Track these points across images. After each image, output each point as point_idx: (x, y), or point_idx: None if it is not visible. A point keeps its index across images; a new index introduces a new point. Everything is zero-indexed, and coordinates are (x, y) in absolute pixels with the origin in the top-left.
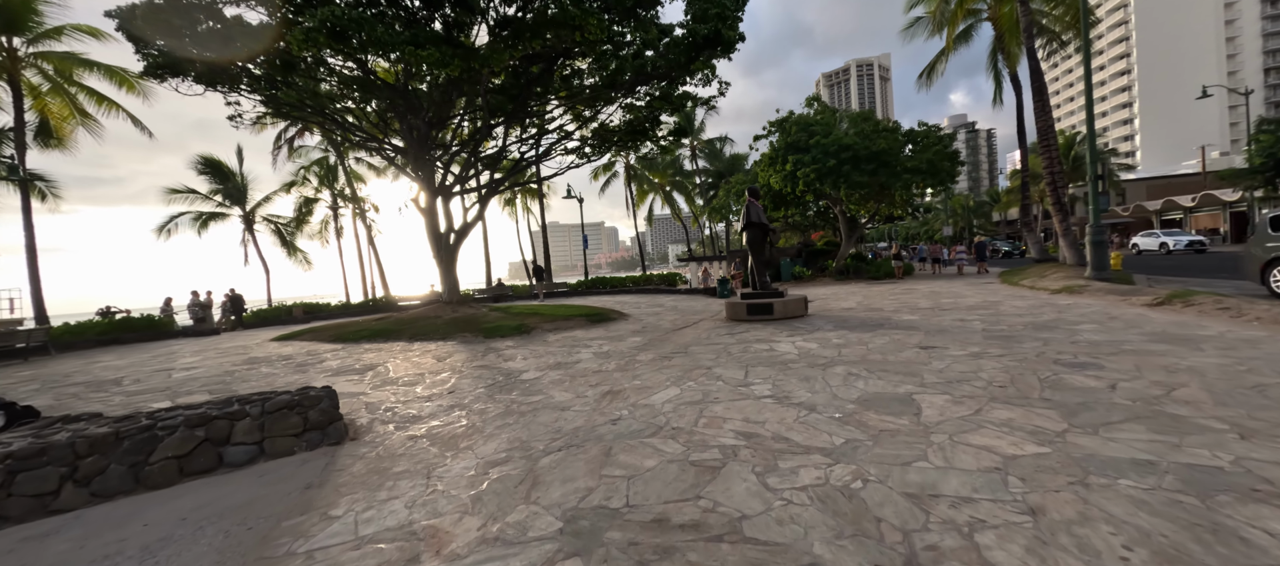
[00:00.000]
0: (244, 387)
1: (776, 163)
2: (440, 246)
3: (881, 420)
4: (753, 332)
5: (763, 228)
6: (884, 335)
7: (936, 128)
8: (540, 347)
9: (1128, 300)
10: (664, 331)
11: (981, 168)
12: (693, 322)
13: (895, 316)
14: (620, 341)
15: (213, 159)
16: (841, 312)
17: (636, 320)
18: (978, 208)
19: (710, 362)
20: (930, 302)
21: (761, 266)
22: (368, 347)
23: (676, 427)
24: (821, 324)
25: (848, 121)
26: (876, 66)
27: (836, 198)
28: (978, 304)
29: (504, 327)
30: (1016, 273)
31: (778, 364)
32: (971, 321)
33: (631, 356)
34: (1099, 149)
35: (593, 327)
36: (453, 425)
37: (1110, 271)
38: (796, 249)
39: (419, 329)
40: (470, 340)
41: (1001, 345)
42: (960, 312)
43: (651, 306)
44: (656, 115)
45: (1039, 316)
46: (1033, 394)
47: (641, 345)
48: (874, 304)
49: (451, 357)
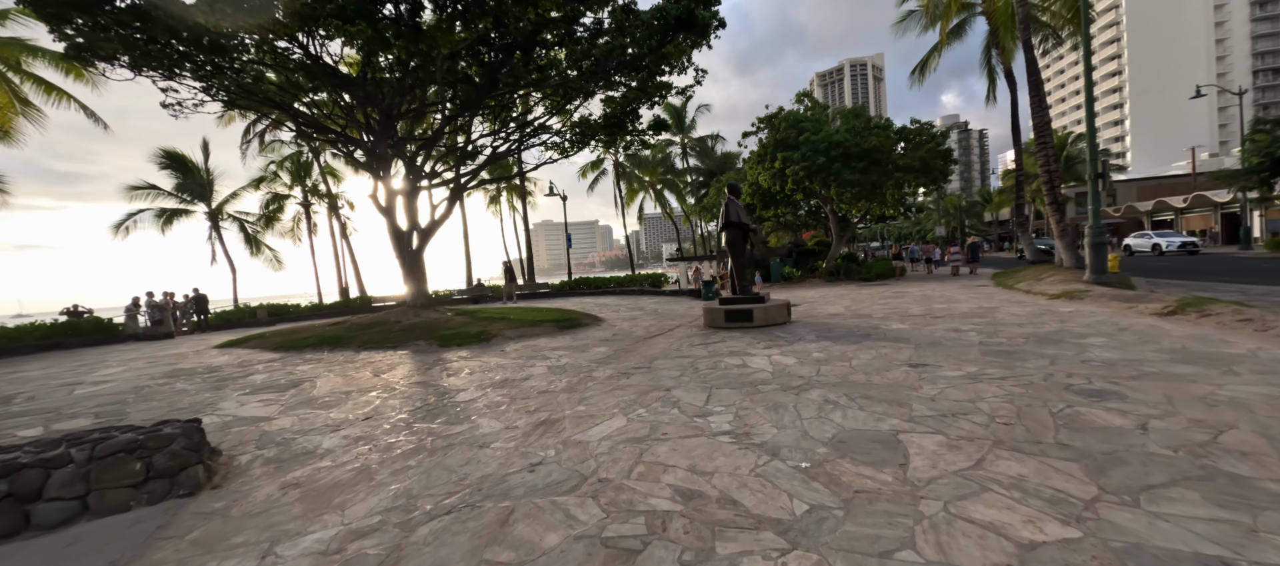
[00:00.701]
0: (140, 411)
1: (765, 160)
2: (403, 247)
3: (858, 474)
4: (728, 343)
5: (743, 228)
6: (870, 348)
7: (929, 125)
8: (494, 359)
9: (1134, 308)
10: (634, 340)
11: (973, 168)
12: (668, 329)
13: (884, 325)
14: (583, 352)
15: (175, 153)
16: (827, 319)
17: (609, 326)
18: (970, 208)
19: (671, 382)
20: (922, 308)
21: (741, 269)
22: (308, 358)
23: (605, 479)
24: (804, 333)
25: (839, 118)
26: (870, 66)
27: (827, 197)
28: (972, 310)
29: (463, 335)
30: (1011, 275)
31: (747, 385)
32: (966, 332)
33: (588, 372)
34: None
35: (559, 335)
36: (343, 467)
37: (1109, 274)
38: (787, 249)
39: (373, 336)
40: (423, 349)
41: (1002, 363)
42: (954, 321)
43: (631, 309)
44: (634, 107)
45: (1040, 326)
46: (1046, 435)
47: (604, 357)
48: (863, 309)
49: (392, 371)
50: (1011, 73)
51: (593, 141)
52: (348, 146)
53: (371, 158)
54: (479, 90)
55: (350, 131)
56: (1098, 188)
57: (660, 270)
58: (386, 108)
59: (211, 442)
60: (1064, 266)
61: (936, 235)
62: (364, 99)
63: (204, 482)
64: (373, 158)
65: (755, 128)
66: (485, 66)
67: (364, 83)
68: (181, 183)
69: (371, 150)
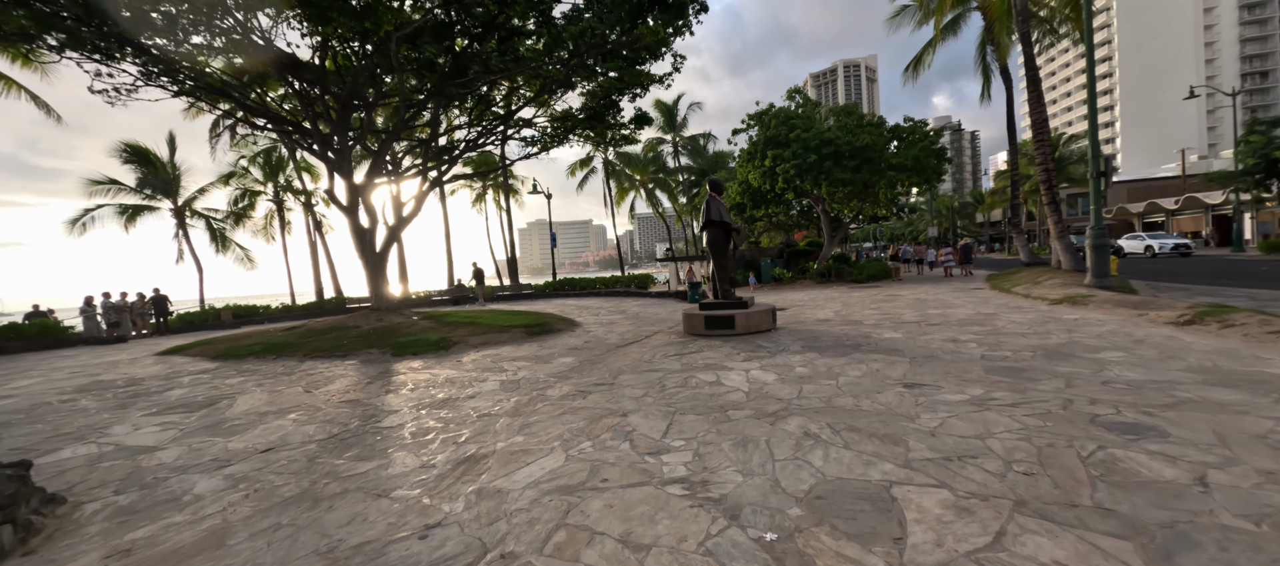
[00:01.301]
0: (18, 438)
1: (755, 158)
2: (366, 247)
3: (839, 554)
4: (705, 354)
5: (725, 227)
6: (860, 362)
7: (923, 123)
8: (445, 371)
9: (1144, 316)
10: (604, 349)
11: (965, 169)
12: (644, 337)
13: (875, 333)
14: (545, 363)
15: (138, 147)
16: (815, 326)
17: (583, 332)
18: (962, 209)
19: (632, 404)
20: (916, 314)
21: (723, 272)
22: (246, 368)
23: (508, 555)
24: (789, 342)
25: (831, 115)
26: (863, 67)
27: (818, 196)
28: (970, 317)
29: (421, 343)
30: (1006, 277)
31: (716, 410)
32: (966, 343)
33: (543, 389)
34: (1081, 151)
35: (525, 343)
36: (198, 525)
37: (1111, 278)
38: (778, 249)
39: (324, 343)
40: (373, 359)
41: (1011, 384)
42: (951, 329)
43: (612, 313)
44: (614, 98)
45: (1046, 337)
46: (1080, 492)
47: (566, 370)
48: (853, 313)
49: (328, 386)
50: (1007, 69)
51: (573, 135)
52: (303, 138)
53: (328, 150)
54: (442, 78)
55: (302, 121)
56: (1099, 186)
57: (650, 270)
58: (344, 96)
59: (64, 485)
60: (1062, 269)
61: (929, 236)
62: (318, 86)
63: (12, 548)
64: (329, 150)
65: (745, 125)
66: (453, 54)
67: (320, 71)
68: (145, 178)
69: (328, 142)
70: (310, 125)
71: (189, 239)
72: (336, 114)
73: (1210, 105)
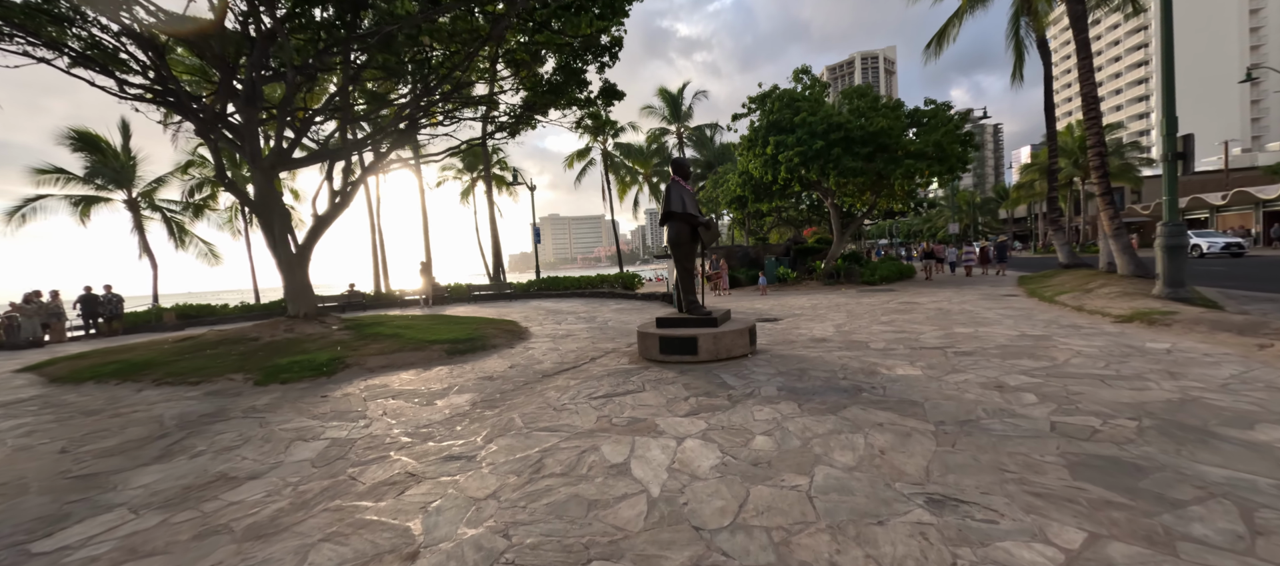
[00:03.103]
0: None
1: (756, 145)
2: (278, 242)
3: None
4: (641, 398)
5: (690, 221)
6: (857, 429)
7: (946, 105)
8: (280, 422)
9: (1271, 348)
10: (525, 381)
11: (987, 163)
12: (590, 359)
13: (884, 365)
14: (430, 404)
15: (86, 133)
16: (807, 349)
17: (522, 349)
18: (984, 205)
19: (454, 523)
20: (939, 332)
21: (688, 279)
22: (65, 399)
23: None
24: (763, 379)
25: (843, 99)
26: (882, 59)
27: (827, 188)
28: (1013, 341)
29: (305, 365)
30: (1044, 281)
31: (580, 549)
32: (1019, 392)
33: (384, 451)
34: (1113, 143)
35: (436, 366)
36: None
37: (1187, 288)
38: (784, 247)
39: (193, 363)
40: (224, 391)
41: (1128, 507)
42: (990, 363)
43: (578, 321)
44: (574, 65)
45: (1141, 384)
46: None
47: (445, 419)
48: (859, 329)
49: (102, 440)
50: (1045, 41)
51: (537, 113)
52: (177, 107)
53: (213, 123)
54: (330, 30)
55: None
56: (1175, 170)
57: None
58: (222, 57)
59: None
60: (1117, 274)
61: (950, 233)
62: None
63: None
64: (214, 122)
65: (747, 108)
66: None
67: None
68: (94, 167)
69: (214, 114)
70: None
71: (143, 233)
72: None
73: (1254, 95)
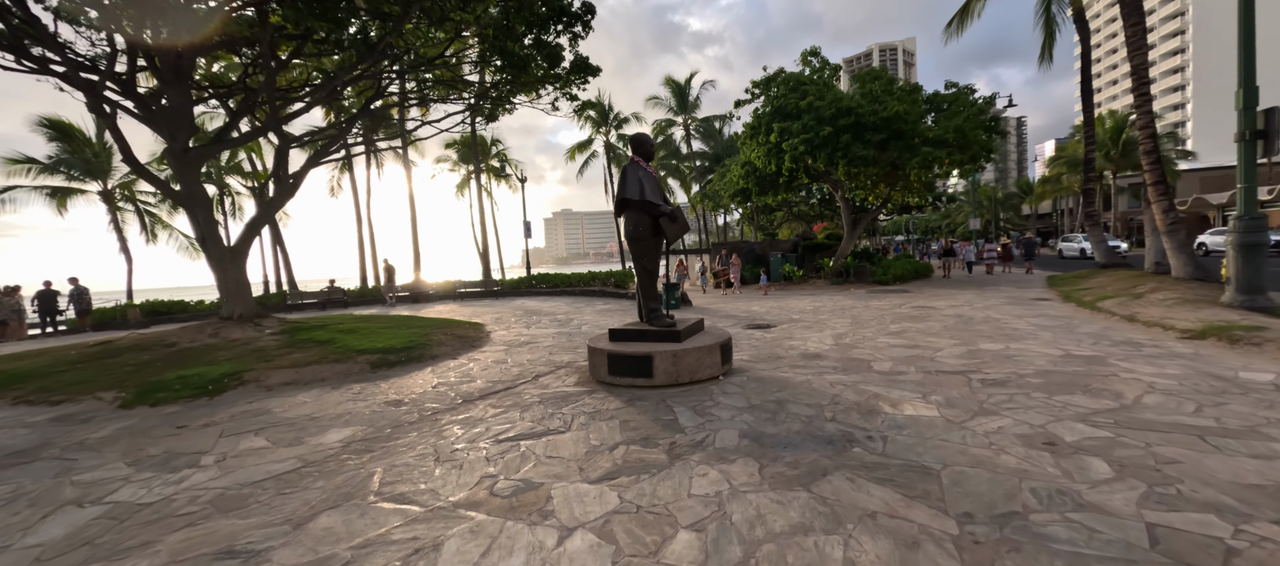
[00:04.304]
0: None
1: (758, 133)
2: (206, 235)
3: None
4: (570, 437)
5: (651, 210)
6: (839, 521)
7: (970, 88)
8: (90, 463)
9: None
10: (446, 404)
11: (1009, 157)
12: (536, 375)
13: (887, 399)
14: (296, 442)
15: (58, 121)
16: (794, 369)
17: (469, 358)
18: (1006, 200)
19: None
20: (959, 349)
21: (649, 281)
22: None
23: None
24: (727, 416)
25: (853, 81)
26: (901, 50)
27: (837, 179)
28: (1057, 364)
29: (192, 381)
30: (1078, 283)
31: None
32: (1078, 451)
33: (157, 533)
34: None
35: (350, 382)
36: None
37: (1266, 297)
38: (791, 243)
39: (78, 375)
40: (80, 413)
41: None
42: (1031, 397)
43: (552, 323)
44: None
45: (1268, 451)
46: None
47: (296, 468)
48: (862, 343)
49: None
50: (1082, 11)
51: (509, 92)
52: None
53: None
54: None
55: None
56: (1254, 153)
57: None
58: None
59: None
60: (1170, 276)
61: (971, 229)
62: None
63: None
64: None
65: (750, 94)
66: None
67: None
68: (64, 156)
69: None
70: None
71: (119, 226)
72: (164, 61)
73: None
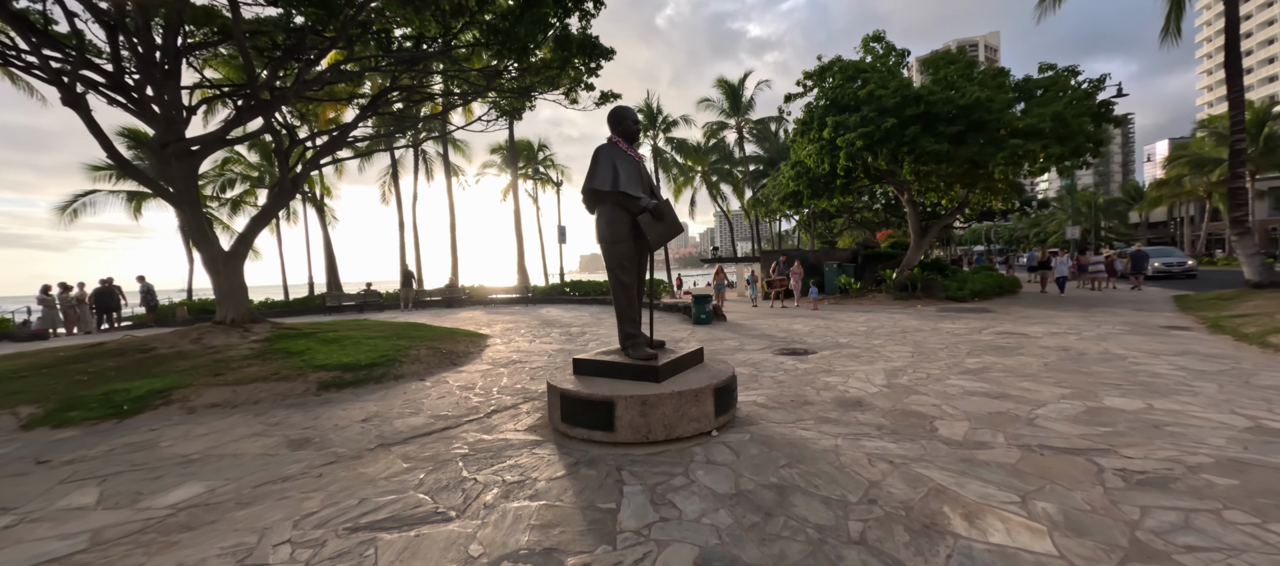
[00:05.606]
0: None
1: (810, 129)
2: (201, 236)
3: None
4: (449, 535)
5: (629, 205)
6: None
7: (1071, 70)
8: None
9: None
10: (354, 450)
11: (1112, 159)
12: (490, 412)
13: (961, 496)
14: (132, 504)
15: (139, 132)
16: (820, 427)
17: (435, 380)
18: (1108, 207)
19: None
20: (1073, 404)
21: (624, 297)
22: None
23: None
24: (692, 509)
25: (922, 66)
26: (982, 46)
27: (902, 179)
28: (1245, 445)
29: (115, 398)
30: (1225, 307)
31: None
32: None
33: None
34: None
35: (283, 409)
36: None
37: None
38: (850, 252)
39: (39, 381)
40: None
41: None
42: (1227, 526)
43: (559, 337)
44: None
45: None
46: None
47: (75, 552)
48: (923, 388)
49: None
50: None
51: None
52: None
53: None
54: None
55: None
56: None
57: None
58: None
59: None
60: None
61: (1068, 238)
62: None
63: None
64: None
65: (802, 86)
66: None
67: None
68: (140, 162)
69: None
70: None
71: (184, 229)
72: (145, 45)
73: None
